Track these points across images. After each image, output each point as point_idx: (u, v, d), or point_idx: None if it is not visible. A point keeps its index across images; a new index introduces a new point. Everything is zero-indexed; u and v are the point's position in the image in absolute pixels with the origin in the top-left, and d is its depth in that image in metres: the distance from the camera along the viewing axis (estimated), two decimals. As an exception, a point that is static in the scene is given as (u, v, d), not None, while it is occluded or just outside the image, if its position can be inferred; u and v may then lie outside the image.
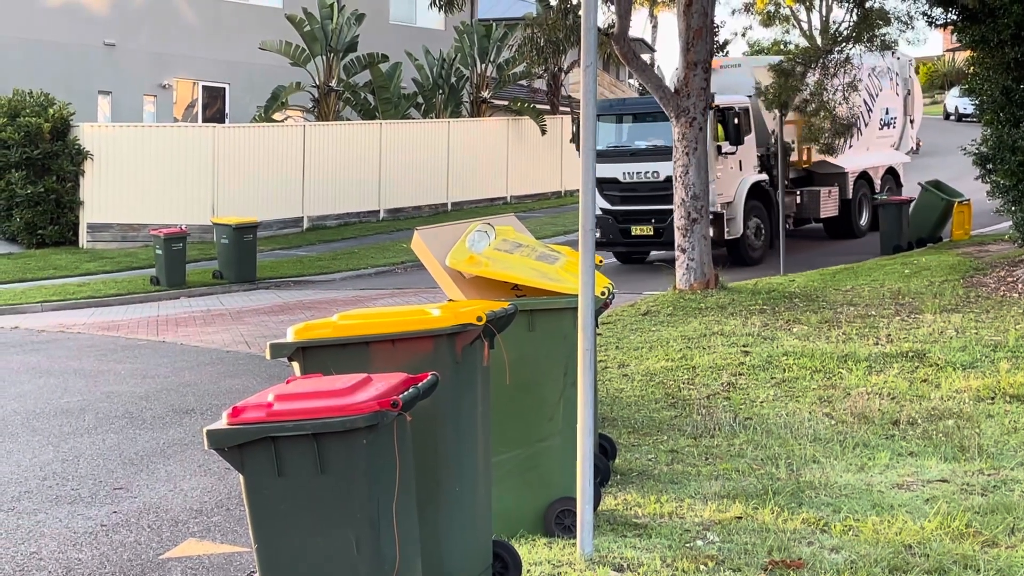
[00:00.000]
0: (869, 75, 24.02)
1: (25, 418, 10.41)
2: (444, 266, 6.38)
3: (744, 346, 11.60)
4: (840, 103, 20.51)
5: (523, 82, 40.12)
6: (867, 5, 19.00)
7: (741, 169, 21.15)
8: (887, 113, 25.70)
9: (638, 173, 20.90)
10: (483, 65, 37.07)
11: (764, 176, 21.71)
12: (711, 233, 19.54)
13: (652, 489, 7.04)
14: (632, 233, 21.16)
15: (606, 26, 16.38)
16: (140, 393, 11.50)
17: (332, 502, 4.00)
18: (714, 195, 19.88)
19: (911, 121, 26.97)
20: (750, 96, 21.46)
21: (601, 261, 6.39)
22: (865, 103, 24.36)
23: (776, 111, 19.77)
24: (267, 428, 3.94)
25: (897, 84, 25.92)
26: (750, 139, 21.31)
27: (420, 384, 4.33)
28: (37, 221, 26.55)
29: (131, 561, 6.49)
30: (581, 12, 5.98)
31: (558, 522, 6.23)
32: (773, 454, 7.91)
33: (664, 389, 10.13)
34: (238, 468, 4.00)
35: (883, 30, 19.10)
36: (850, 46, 19.37)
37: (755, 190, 21.38)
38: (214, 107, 36.06)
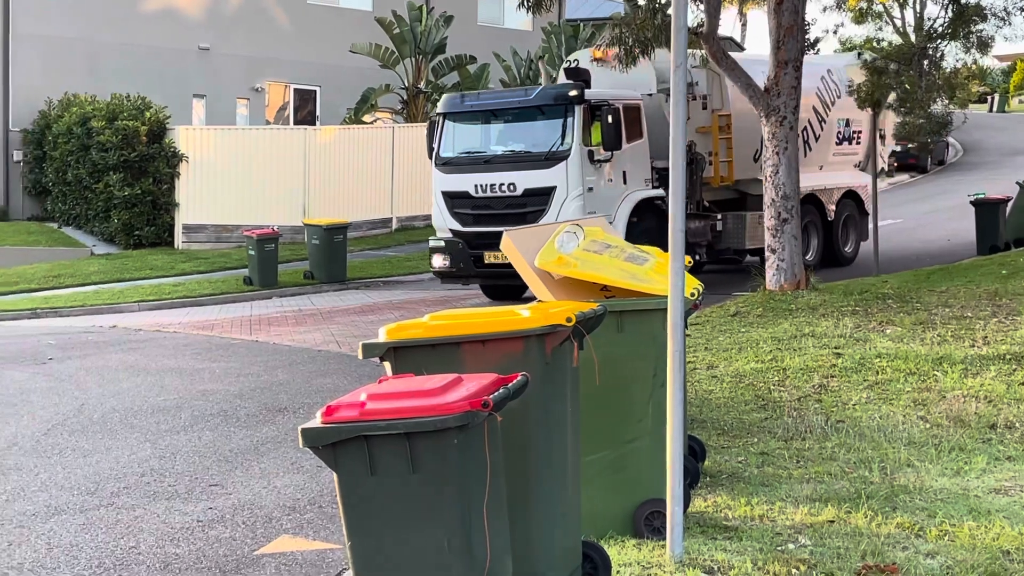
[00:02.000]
0: (823, 79, 20.85)
1: (123, 415, 10.65)
2: (533, 267, 6.39)
3: (836, 348, 11.44)
4: (935, 100, 19.98)
5: (611, 82, 40.01)
6: (963, 1, 18.64)
7: (625, 182, 17.28)
8: (847, 125, 21.59)
9: (492, 186, 17.05)
10: (571, 65, 37.00)
11: (660, 192, 17.37)
12: None
13: (742, 491, 6.99)
14: (485, 261, 16.97)
15: (695, 25, 16.29)
16: (234, 391, 11.69)
17: (424, 501, 4.03)
18: (583, 213, 15.96)
19: (881, 136, 21.53)
20: (650, 94, 18.19)
21: (691, 262, 6.35)
22: (816, 111, 20.64)
23: (868, 108, 19.30)
24: (360, 427, 3.98)
25: None
26: (638, 146, 17.53)
27: (510, 384, 4.35)
28: (134, 222, 27.14)
29: (226, 556, 6.60)
30: (671, 11, 5.96)
31: (647, 523, 6.21)
32: (866, 457, 7.80)
33: (754, 391, 10.04)
34: (331, 466, 4.05)
35: (979, 26, 18.70)
36: (945, 43, 19.01)
37: (646, 208, 17.41)
38: (305, 109, 36.53)
